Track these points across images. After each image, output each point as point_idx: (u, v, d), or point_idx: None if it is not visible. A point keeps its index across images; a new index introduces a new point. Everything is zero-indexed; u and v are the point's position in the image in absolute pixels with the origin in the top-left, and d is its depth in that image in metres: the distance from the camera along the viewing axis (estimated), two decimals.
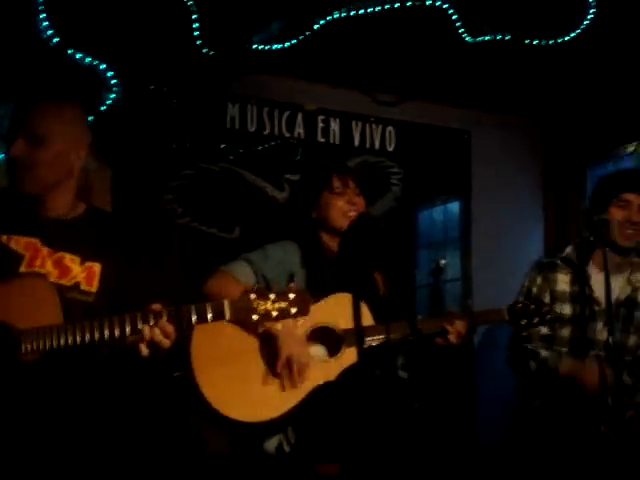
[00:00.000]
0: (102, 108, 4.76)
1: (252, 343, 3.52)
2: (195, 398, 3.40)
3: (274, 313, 2.88)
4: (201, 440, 3.56)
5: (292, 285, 2.98)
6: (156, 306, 2.90)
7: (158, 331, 2.86)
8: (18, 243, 3.04)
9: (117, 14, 4.73)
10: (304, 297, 2.93)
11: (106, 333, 2.83)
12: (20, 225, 3.07)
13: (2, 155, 3.93)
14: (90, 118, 4.58)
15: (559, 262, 4.11)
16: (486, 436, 5.58)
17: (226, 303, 2.88)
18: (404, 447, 3.60)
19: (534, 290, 4.10)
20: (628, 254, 3.92)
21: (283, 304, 2.89)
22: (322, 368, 3.55)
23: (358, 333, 3.27)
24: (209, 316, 2.88)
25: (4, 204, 3.12)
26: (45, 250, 3.05)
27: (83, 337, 2.81)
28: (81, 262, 3.08)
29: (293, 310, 2.89)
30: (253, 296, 2.88)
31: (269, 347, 3.52)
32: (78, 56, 4.66)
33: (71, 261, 3.07)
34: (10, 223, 3.07)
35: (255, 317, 2.88)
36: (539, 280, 4.10)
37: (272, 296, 2.89)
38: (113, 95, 4.78)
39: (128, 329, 2.84)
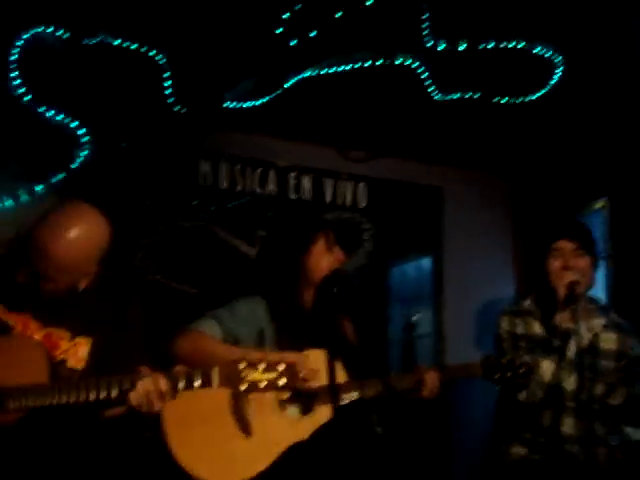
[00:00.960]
0: (74, 165, 4.75)
1: (224, 403, 3.47)
2: (166, 459, 3.35)
3: (262, 384, 2.84)
4: None
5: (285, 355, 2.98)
6: (144, 368, 2.89)
7: (154, 392, 2.86)
8: (9, 315, 3.03)
9: (89, 72, 4.75)
10: (293, 370, 2.89)
11: (92, 395, 2.81)
12: (12, 296, 3.04)
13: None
14: (61, 175, 4.60)
15: (523, 310, 4.13)
16: None
17: (214, 371, 2.87)
18: None
19: (502, 335, 4.09)
20: (577, 301, 3.89)
21: (272, 375, 2.85)
22: (295, 427, 3.50)
23: (332, 390, 3.25)
24: (197, 383, 2.88)
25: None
26: (34, 324, 3.03)
27: (69, 398, 2.79)
28: (70, 338, 3.07)
29: (281, 382, 2.86)
30: (242, 365, 2.85)
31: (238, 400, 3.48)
32: (50, 114, 4.66)
33: (59, 337, 3.06)
34: (3, 293, 3.05)
35: (243, 387, 2.85)
36: (505, 324, 4.10)
37: (261, 366, 2.85)
38: (85, 152, 4.77)
39: (115, 392, 2.83)
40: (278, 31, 4.61)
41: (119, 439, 3.05)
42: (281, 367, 2.86)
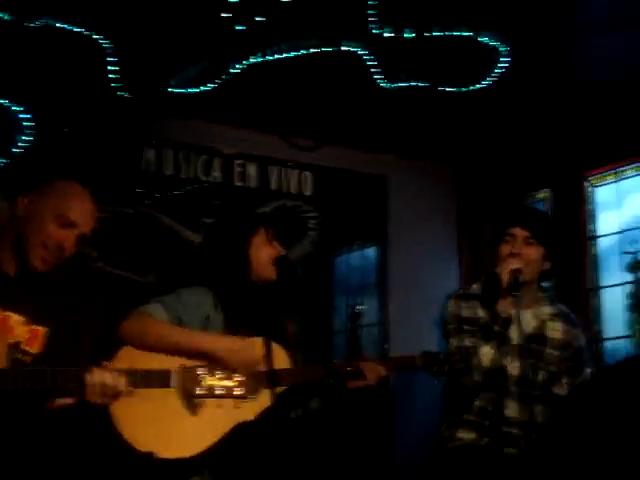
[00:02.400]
0: (15, 150, 4.68)
1: None
2: (111, 434, 3.34)
3: (217, 391, 2.97)
4: None
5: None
6: (106, 364, 2.95)
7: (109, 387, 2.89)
8: None
9: (32, 56, 4.68)
10: (249, 382, 3.04)
11: (48, 383, 2.84)
12: None
13: None
14: (2, 160, 4.53)
15: (469, 294, 4.16)
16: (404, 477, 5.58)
17: (173, 373, 3.01)
18: None
19: (447, 318, 4.12)
20: (519, 289, 3.93)
21: (229, 383, 2.97)
22: (240, 408, 3.51)
23: (271, 375, 3.28)
24: (155, 384, 3.02)
25: None
26: None
27: (25, 384, 2.82)
28: (25, 323, 3.05)
29: (237, 391, 2.99)
30: (200, 370, 2.97)
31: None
32: None
33: (16, 322, 3.03)
34: None
35: (199, 391, 2.96)
36: (451, 307, 4.14)
37: (218, 374, 2.98)
38: (26, 137, 4.71)
39: (72, 383, 2.87)
40: (223, 15, 4.59)
41: (63, 418, 3.04)
42: (238, 377, 3.00)
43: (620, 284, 5.58)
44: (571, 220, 5.72)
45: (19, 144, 4.71)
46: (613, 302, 5.61)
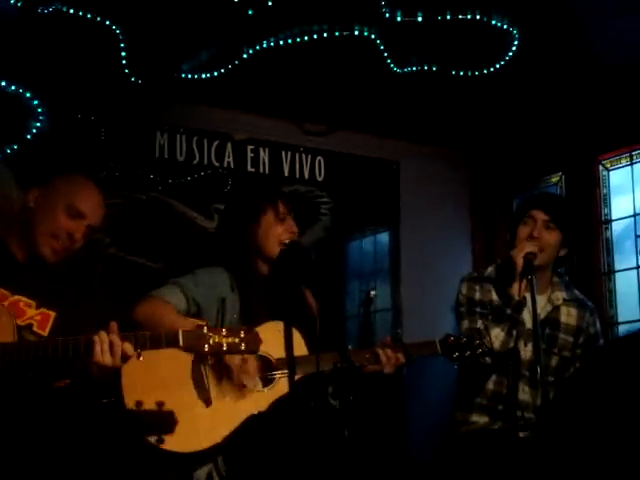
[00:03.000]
0: (28, 136, 4.68)
1: (184, 372, 3.48)
2: (125, 425, 3.35)
3: (224, 347, 3.01)
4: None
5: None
6: (113, 324, 2.99)
7: (118, 343, 2.95)
8: None
9: (44, 42, 4.68)
10: (254, 336, 3.08)
11: (60, 350, 2.90)
12: None
13: None
14: (15, 147, 4.54)
15: (483, 277, 4.16)
16: (417, 463, 5.58)
17: (180, 332, 3.02)
18: (336, 475, 3.57)
19: (460, 300, 4.12)
20: (533, 273, 3.92)
21: (234, 339, 3.02)
22: (255, 398, 3.52)
23: (290, 364, 3.27)
24: (164, 342, 3.02)
25: None
26: (1, 292, 3.09)
27: (36, 353, 2.89)
28: (36, 306, 3.13)
29: (242, 346, 3.04)
30: (206, 329, 3.02)
31: (213, 374, 3.49)
32: (2, 84, 4.59)
33: (26, 305, 3.12)
34: None
35: (207, 347, 3.00)
36: (464, 290, 4.14)
37: (224, 331, 3.03)
38: (39, 124, 4.71)
39: (84, 345, 2.92)
40: (235, 0, 4.57)
41: (77, 408, 3.06)
42: (242, 333, 3.04)
43: (634, 268, 5.58)
44: (584, 204, 5.70)
45: (32, 131, 4.70)
46: (627, 286, 5.60)
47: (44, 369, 2.99)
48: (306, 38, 4.93)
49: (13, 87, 4.62)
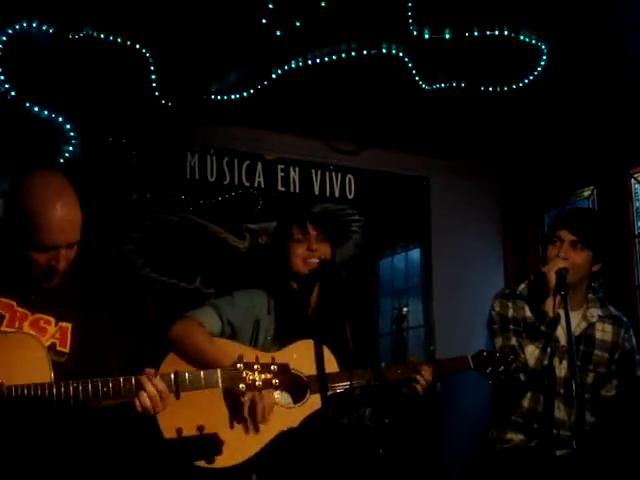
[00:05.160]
0: (60, 160, 4.73)
1: (216, 389, 3.49)
2: (157, 441, 3.36)
3: (258, 383, 3.04)
4: None
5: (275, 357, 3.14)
6: (149, 370, 2.95)
7: (156, 394, 2.93)
8: None
9: (75, 67, 4.73)
10: (285, 369, 3.09)
11: (100, 391, 2.87)
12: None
13: None
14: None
15: (516, 293, 4.14)
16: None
17: (219, 372, 3.03)
18: None
19: (493, 317, 4.10)
20: (566, 289, 3.89)
21: (268, 375, 3.05)
22: (286, 414, 3.53)
23: (321, 380, 3.28)
24: (203, 383, 3.04)
25: None
26: (21, 312, 3.05)
27: (77, 395, 2.84)
28: (55, 323, 3.10)
29: (276, 381, 3.06)
30: (241, 366, 3.04)
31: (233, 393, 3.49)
32: (35, 109, 4.64)
33: (46, 322, 3.08)
34: None
35: (242, 386, 3.03)
36: (497, 307, 4.12)
37: (257, 367, 3.05)
38: (71, 147, 4.75)
39: (122, 389, 2.90)
40: (263, 21, 4.60)
41: (110, 421, 3.06)
42: (274, 367, 3.06)
43: None
44: (617, 218, 5.66)
45: (64, 154, 4.74)
46: None
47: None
48: (334, 57, 4.95)
49: (46, 112, 4.67)
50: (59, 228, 2.94)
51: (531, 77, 5.21)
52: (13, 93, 4.58)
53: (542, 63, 5.09)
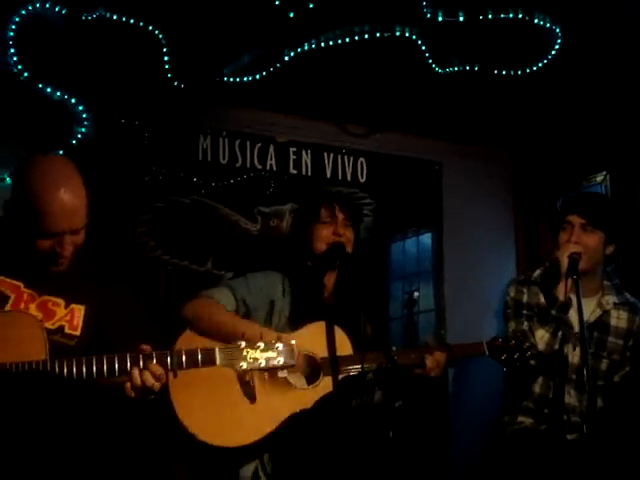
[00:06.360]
0: (73, 141, 4.73)
1: (229, 370, 3.49)
2: (171, 423, 3.38)
3: (262, 362, 3.01)
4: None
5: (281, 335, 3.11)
6: (146, 347, 2.95)
7: (149, 374, 2.92)
8: (3, 284, 3.04)
9: (87, 48, 4.73)
10: (291, 348, 3.06)
11: (94, 370, 2.86)
12: (6, 266, 3.05)
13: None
14: (60, 152, 4.59)
15: (531, 280, 4.14)
16: (461, 465, 5.56)
17: (217, 350, 3.00)
18: (380, 475, 3.57)
19: (508, 302, 4.10)
20: (578, 274, 3.87)
21: (271, 354, 3.02)
22: (299, 396, 3.54)
23: (332, 362, 3.29)
24: (200, 361, 3.00)
25: None
26: (28, 293, 3.05)
27: (70, 373, 2.83)
28: (65, 305, 3.09)
29: (280, 360, 3.03)
30: (243, 344, 3.01)
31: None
32: (48, 90, 4.64)
33: (55, 305, 3.07)
34: None
35: (244, 365, 3.00)
36: (512, 292, 4.12)
37: (261, 345, 3.01)
38: (84, 129, 4.76)
39: (117, 368, 2.89)
40: (276, 3, 4.59)
41: (124, 403, 3.06)
42: (279, 346, 3.04)
43: None
44: (630, 203, 5.63)
45: (77, 136, 4.75)
46: None
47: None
48: (347, 39, 4.93)
49: (58, 93, 4.67)
50: (62, 214, 2.93)
51: (545, 61, 5.18)
52: (26, 74, 4.58)
53: (556, 47, 5.06)
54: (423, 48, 5.11)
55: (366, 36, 4.94)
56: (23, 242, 3.00)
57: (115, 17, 4.69)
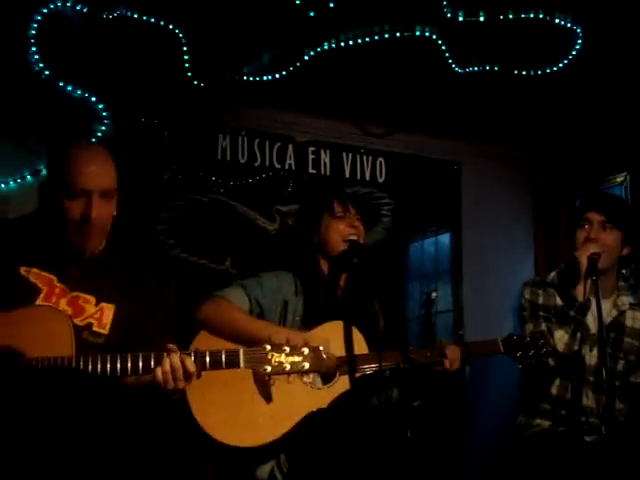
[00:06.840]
0: (93, 140, 4.75)
1: (246, 370, 3.50)
2: (188, 423, 3.38)
3: (287, 366, 2.96)
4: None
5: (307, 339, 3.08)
6: (172, 346, 2.96)
7: (168, 369, 2.93)
8: (37, 277, 3.07)
9: (108, 46, 4.75)
10: (318, 353, 3.00)
11: (119, 368, 2.89)
12: (40, 258, 3.09)
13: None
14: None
15: (546, 282, 4.12)
16: (477, 466, 5.55)
17: (241, 352, 2.99)
18: (397, 475, 3.57)
19: (523, 304, 4.09)
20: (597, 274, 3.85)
21: (297, 358, 2.97)
22: (315, 395, 3.53)
23: (350, 361, 3.29)
24: (224, 362, 3.00)
25: (26, 233, 3.14)
26: (59, 288, 3.07)
27: (96, 370, 2.86)
28: (96, 303, 3.11)
29: (306, 365, 2.98)
30: (268, 347, 2.97)
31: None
32: (69, 88, 4.67)
33: (85, 301, 3.09)
34: (31, 254, 3.09)
35: (268, 368, 2.96)
36: (527, 294, 4.11)
37: (287, 349, 2.97)
38: (104, 127, 4.78)
39: (140, 366, 2.91)
40: (297, 2, 4.59)
41: (143, 401, 3.07)
42: (305, 350, 2.99)
43: None
44: None
45: (97, 134, 4.77)
46: None
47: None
48: (367, 39, 4.93)
49: (79, 91, 4.69)
50: (91, 172, 3.04)
51: (565, 61, 5.17)
52: (47, 72, 4.60)
53: (577, 47, 5.05)
54: (443, 48, 5.10)
55: (386, 36, 4.94)
56: (52, 219, 3.06)
57: (135, 16, 4.71)
